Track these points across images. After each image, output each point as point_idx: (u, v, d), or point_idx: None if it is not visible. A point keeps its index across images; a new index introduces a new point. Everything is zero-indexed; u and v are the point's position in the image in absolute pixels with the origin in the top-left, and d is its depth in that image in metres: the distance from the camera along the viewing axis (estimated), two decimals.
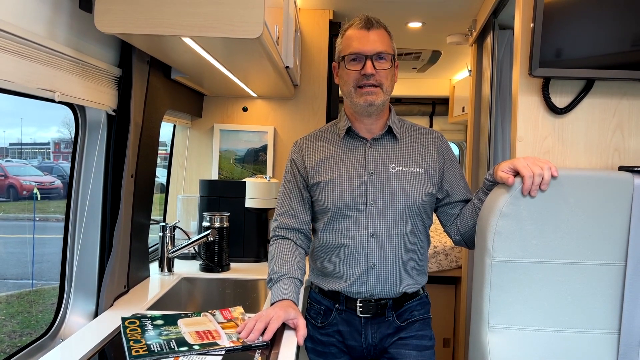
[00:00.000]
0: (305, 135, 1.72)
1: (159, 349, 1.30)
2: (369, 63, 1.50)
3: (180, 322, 1.49)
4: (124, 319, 1.47)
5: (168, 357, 1.27)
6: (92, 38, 1.53)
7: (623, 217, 1.32)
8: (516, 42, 1.62)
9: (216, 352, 1.32)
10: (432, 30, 3.02)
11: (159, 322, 1.48)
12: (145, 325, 1.45)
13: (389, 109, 1.64)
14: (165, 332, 1.41)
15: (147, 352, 1.28)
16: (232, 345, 1.35)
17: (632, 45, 1.43)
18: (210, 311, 1.58)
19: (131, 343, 1.32)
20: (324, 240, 1.62)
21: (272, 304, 1.49)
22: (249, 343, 1.37)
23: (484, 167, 2.52)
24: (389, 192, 1.56)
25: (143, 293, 1.87)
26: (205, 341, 1.37)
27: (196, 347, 1.33)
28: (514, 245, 1.34)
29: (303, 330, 1.43)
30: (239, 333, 1.42)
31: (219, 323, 1.50)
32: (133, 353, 1.27)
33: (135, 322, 1.45)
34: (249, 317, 1.48)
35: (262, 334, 1.39)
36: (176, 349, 1.31)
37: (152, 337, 1.37)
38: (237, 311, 1.59)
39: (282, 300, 1.49)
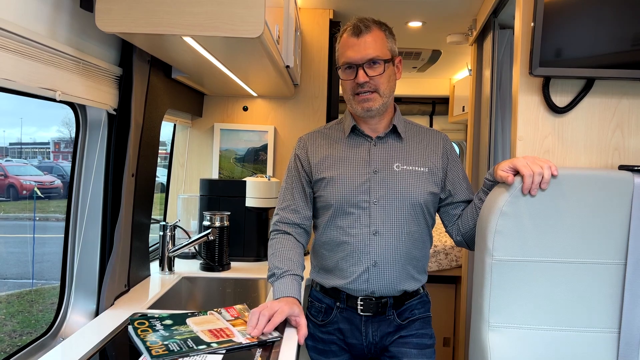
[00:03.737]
0: (310, 131, 1.73)
1: (179, 349, 1.30)
2: (360, 72, 1.50)
3: (189, 321, 1.49)
4: (132, 320, 1.46)
5: (189, 355, 1.27)
6: (93, 37, 1.53)
7: (623, 216, 1.33)
8: (516, 42, 1.62)
9: (233, 349, 1.33)
10: (432, 29, 3.03)
11: (168, 321, 1.47)
12: (155, 325, 1.45)
13: (393, 108, 1.65)
14: (177, 332, 1.41)
15: (167, 352, 1.28)
16: (248, 341, 1.36)
17: (632, 45, 1.43)
18: (216, 310, 1.58)
19: (148, 344, 1.32)
20: (326, 237, 1.62)
21: (276, 299, 1.50)
22: (264, 339, 1.38)
23: (484, 167, 2.52)
24: (392, 190, 1.57)
25: (144, 292, 1.87)
26: (221, 339, 1.37)
27: (214, 344, 1.33)
28: (514, 244, 1.34)
29: (304, 330, 1.43)
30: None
31: (227, 321, 1.51)
32: (153, 353, 1.26)
33: (144, 323, 1.45)
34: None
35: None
36: (195, 347, 1.31)
37: (167, 337, 1.37)
38: (242, 308, 1.60)
39: (287, 297, 1.49)
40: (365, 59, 1.50)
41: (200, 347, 1.32)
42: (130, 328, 1.42)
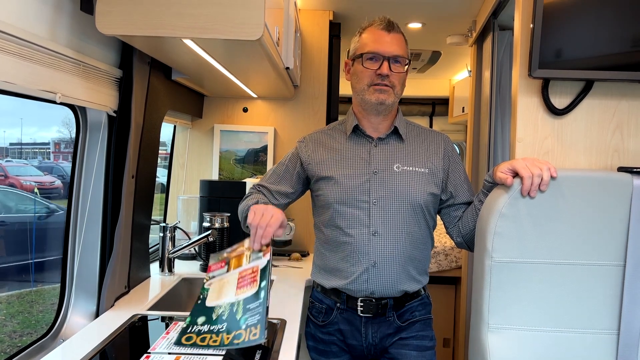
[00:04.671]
0: (313, 132, 1.74)
1: (256, 313, 1.31)
2: (385, 64, 1.53)
3: (210, 304, 1.42)
4: (180, 343, 1.37)
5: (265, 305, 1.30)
6: (93, 39, 1.53)
7: (622, 218, 1.33)
8: (516, 43, 1.62)
9: (268, 268, 1.37)
10: (432, 30, 3.03)
11: (202, 319, 1.40)
12: (199, 329, 1.38)
13: (396, 110, 1.66)
14: (224, 314, 1.36)
15: (256, 322, 1.29)
16: (267, 256, 1.39)
17: (632, 46, 1.43)
18: (208, 273, 1.51)
19: (236, 342, 1.28)
20: (326, 237, 1.63)
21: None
22: (276, 239, 1.39)
23: (484, 168, 2.52)
24: (392, 190, 1.57)
25: (144, 293, 1.88)
26: (253, 283, 1.36)
27: (263, 283, 1.35)
28: (513, 245, 1.35)
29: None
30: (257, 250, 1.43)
31: (233, 271, 1.46)
32: (252, 337, 1.26)
33: (192, 337, 1.37)
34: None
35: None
36: (260, 298, 1.32)
37: (233, 323, 1.32)
38: (242, 247, 1.50)
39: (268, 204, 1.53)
40: (392, 53, 1.54)
41: (261, 295, 1.33)
42: (193, 347, 1.34)
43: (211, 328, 1.36)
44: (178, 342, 1.37)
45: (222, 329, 1.34)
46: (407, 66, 1.58)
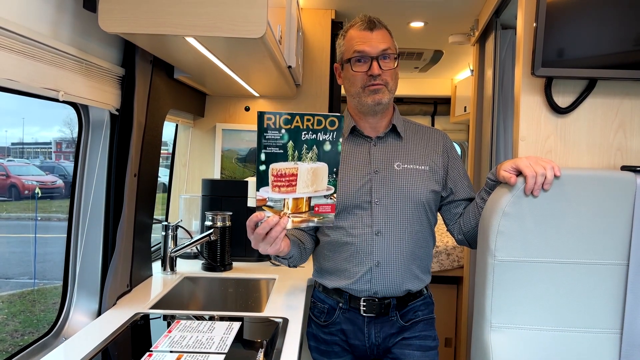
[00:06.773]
0: None
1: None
2: (374, 64, 1.51)
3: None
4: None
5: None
6: (95, 38, 1.53)
7: (625, 217, 1.33)
8: (518, 42, 1.62)
9: None
10: (434, 30, 3.02)
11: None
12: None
13: (392, 108, 1.65)
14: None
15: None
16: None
17: (635, 45, 1.43)
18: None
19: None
20: (328, 238, 1.62)
21: None
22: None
23: (486, 167, 2.52)
24: (394, 189, 1.57)
25: (146, 292, 1.88)
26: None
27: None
28: (516, 244, 1.34)
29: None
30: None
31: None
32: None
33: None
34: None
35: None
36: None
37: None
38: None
39: None
40: (379, 50, 1.52)
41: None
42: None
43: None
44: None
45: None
46: (396, 60, 1.56)
